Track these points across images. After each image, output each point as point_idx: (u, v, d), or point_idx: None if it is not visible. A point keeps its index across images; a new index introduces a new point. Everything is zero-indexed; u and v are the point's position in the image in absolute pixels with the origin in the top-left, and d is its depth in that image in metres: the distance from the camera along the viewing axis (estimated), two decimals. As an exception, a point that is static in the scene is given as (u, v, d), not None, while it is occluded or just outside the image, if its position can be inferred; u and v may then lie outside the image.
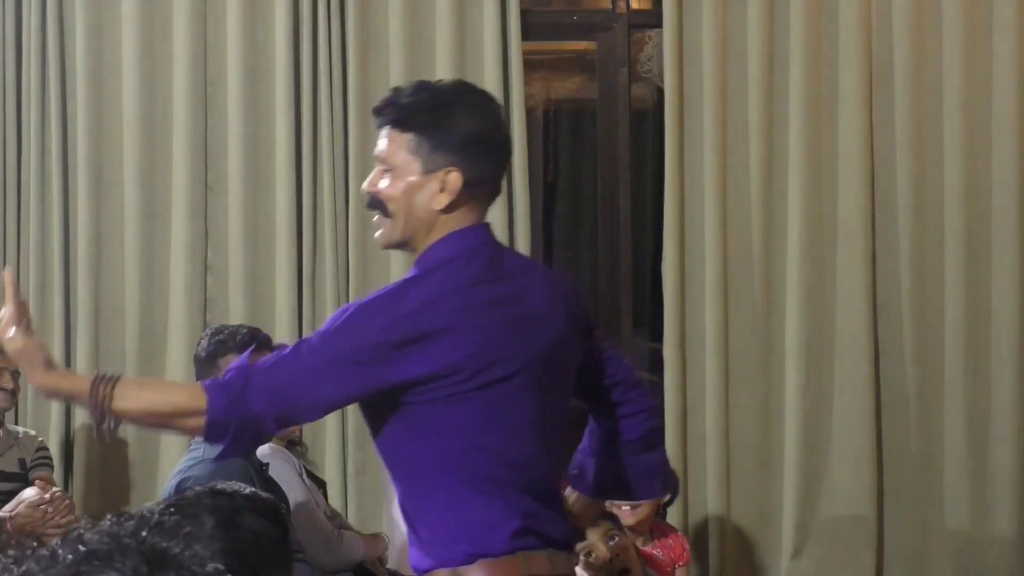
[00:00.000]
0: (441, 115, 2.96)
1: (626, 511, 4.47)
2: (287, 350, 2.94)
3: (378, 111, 3.03)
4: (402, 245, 3.04)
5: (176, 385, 3.01)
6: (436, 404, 2.89)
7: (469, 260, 2.96)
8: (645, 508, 4.55)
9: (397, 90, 3.04)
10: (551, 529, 3.01)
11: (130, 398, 2.87)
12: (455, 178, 2.95)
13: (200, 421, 2.84)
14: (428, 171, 2.96)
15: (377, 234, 3.06)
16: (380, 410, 2.95)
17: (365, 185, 3.04)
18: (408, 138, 2.96)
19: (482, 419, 2.92)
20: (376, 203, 3.02)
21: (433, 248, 2.98)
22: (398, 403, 2.91)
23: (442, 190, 2.95)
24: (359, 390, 2.90)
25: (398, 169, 2.97)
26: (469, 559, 2.91)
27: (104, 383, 2.86)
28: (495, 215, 5.89)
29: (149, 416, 2.93)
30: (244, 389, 2.84)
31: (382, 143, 3.01)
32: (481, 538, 2.93)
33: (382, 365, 2.85)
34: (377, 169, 3.02)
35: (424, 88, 3.02)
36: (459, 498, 2.93)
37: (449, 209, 2.97)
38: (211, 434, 2.86)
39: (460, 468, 2.93)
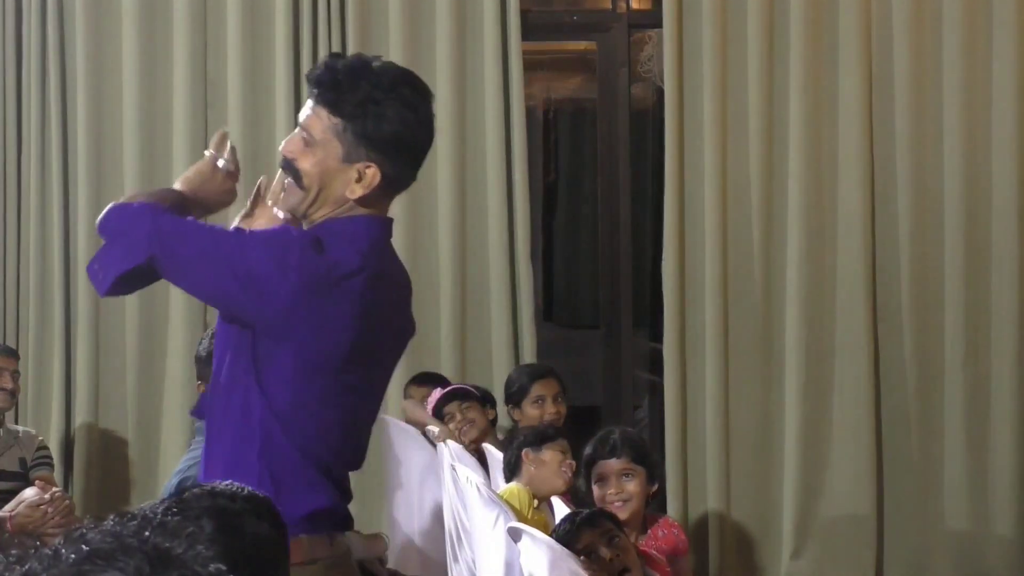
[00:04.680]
0: (373, 109, 2.94)
1: (618, 507, 4.48)
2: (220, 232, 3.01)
3: (313, 83, 3.00)
4: (304, 217, 3.04)
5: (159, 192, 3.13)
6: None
7: (361, 234, 2.98)
8: (635, 502, 4.56)
9: (334, 65, 2.99)
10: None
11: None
12: (373, 174, 2.96)
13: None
14: (348, 160, 2.95)
15: (283, 195, 3.05)
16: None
17: (285, 148, 3.01)
18: (336, 122, 2.94)
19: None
20: (291, 170, 3.00)
21: (329, 223, 2.99)
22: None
23: (358, 181, 2.96)
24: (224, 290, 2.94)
25: (318, 147, 2.96)
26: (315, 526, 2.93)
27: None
28: (496, 214, 5.90)
29: None
30: (149, 215, 2.93)
31: (310, 112, 2.98)
32: (330, 505, 2.98)
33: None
34: (299, 135, 3.00)
35: (364, 73, 2.97)
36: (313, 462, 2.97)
37: (361, 199, 2.98)
38: (101, 225, 2.96)
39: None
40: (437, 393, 5.30)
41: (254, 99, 5.96)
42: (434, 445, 4.98)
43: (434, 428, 5.08)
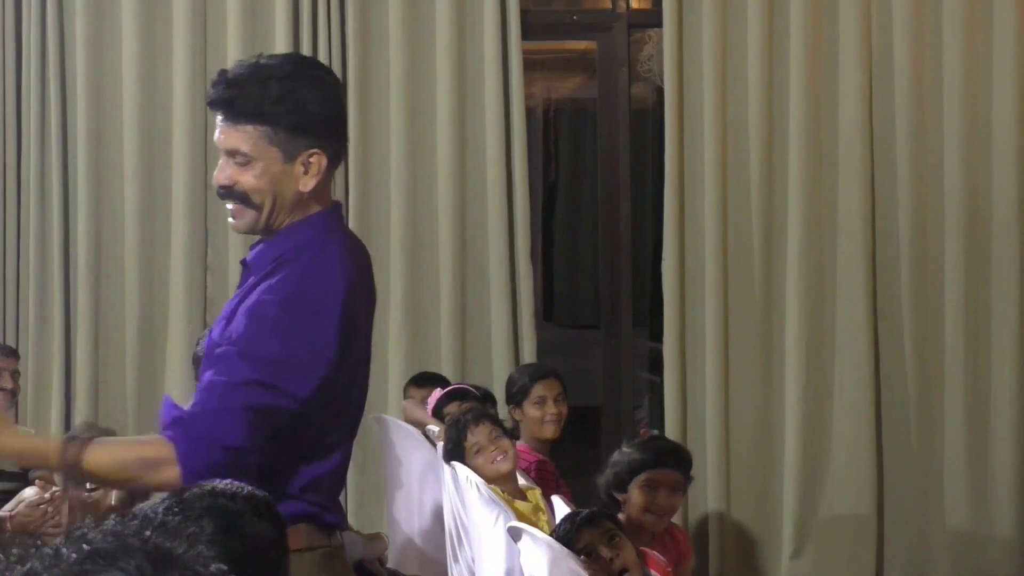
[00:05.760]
0: (291, 99, 2.94)
1: (659, 517, 4.51)
2: (218, 374, 2.87)
3: (220, 105, 2.97)
4: (266, 231, 3.04)
5: (144, 439, 2.94)
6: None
7: (328, 244, 2.98)
8: (673, 515, 4.61)
9: (231, 80, 2.96)
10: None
11: (99, 457, 2.80)
12: (319, 160, 2.97)
13: (172, 472, 2.76)
14: (289, 159, 2.95)
15: (234, 221, 3.03)
16: None
17: (220, 179, 2.98)
18: (264, 130, 2.93)
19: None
20: (235, 195, 2.98)
21: (292, 231, 3.00)
22: None
23: (306, 173, 2.96)
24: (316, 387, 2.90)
25: (257, 162, 2.94)
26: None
27: (73, 444, 2.80)
28: (496, 214, 5.90)
29: (116, 471, 2.84)
30: (206, 425, 2.80)
31: (230, 135, 2.95)
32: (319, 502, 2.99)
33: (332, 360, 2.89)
34: (226, 160, 2.98)
35: (264, 72, 2.96)
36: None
37: (313, 189, 2.99)
38: (190, 481, 2.73)
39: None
40: (437, 393, 5.30)
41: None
42: (434, 445, 4.98)
43: (434, 428, 5.08)
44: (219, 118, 2.98)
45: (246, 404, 2.81)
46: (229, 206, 3.01)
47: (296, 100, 2.94)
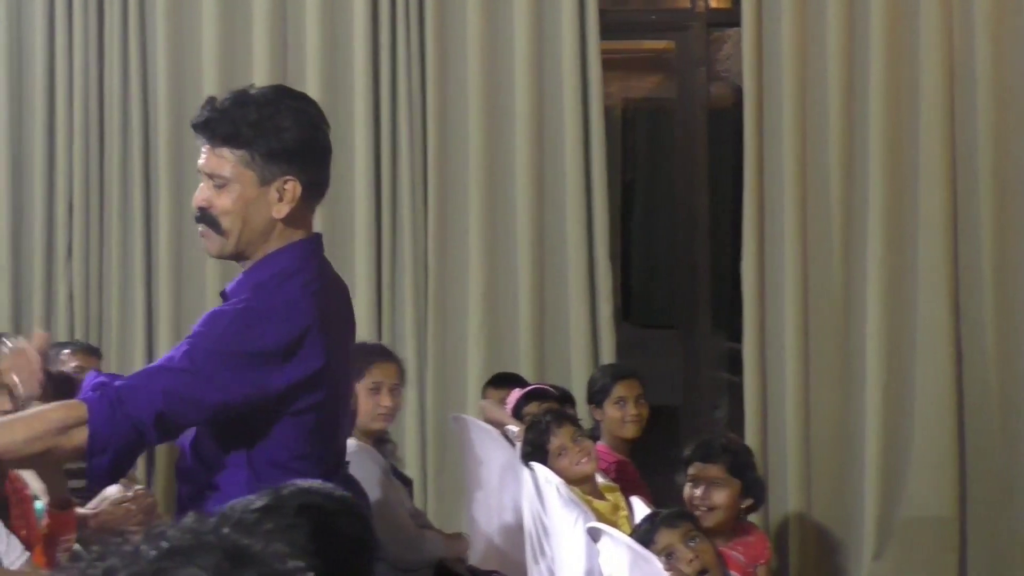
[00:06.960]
0: (270, 127, 2.99)
1: (702, 513, 4.46)
2: (162, 360, 2.98)
3: (200, 127, 3.04)
4: (235, 256, 3.09)
5: (51, 405, 2.91)
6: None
7: (301, 270, 3.04)
8: (721, 512, 4.54)
9: (216, 104, 3.04)
10: None
11: (6, 432, 2.83)
12: (293, 187, 3.01)
13: (83, 434, 2.81)
14: (264, 182, 3.00)
15: (206, 245, 3.10)
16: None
17: (198, 200, 3.05)
18: (240, 153, 2.99)
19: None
20: (208, 218, 3.04)
21: (269, 260, 3.04)
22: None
23: (280, 199, 3.01)
24: (244, 393, 2.95)
25: (233, 183, 3.00)
26: None
27: None
28: (574, 214, 5.89)
29: (30, 442, 2.83)
30: (124, 393, 2.86)
31: (209, 158, 3.02)
32: None
33: (268, 371, 2.93)
34: (205, 183, 3.04)
35: (246, 100, 3.03)
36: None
37: (287, 217, 3.03)
38: (94, 445, 2.82)
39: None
40: (516, 393, 5.30)
41: (333, 103, 5.95)
42: (513, 445, 4.98)
43: (513, 428, 5.08)
44: (202, 142, 3.05)
45: (168, 388, 2.88)
46: (200, 229, 3.08)
47: (273, 126, 3.00)
